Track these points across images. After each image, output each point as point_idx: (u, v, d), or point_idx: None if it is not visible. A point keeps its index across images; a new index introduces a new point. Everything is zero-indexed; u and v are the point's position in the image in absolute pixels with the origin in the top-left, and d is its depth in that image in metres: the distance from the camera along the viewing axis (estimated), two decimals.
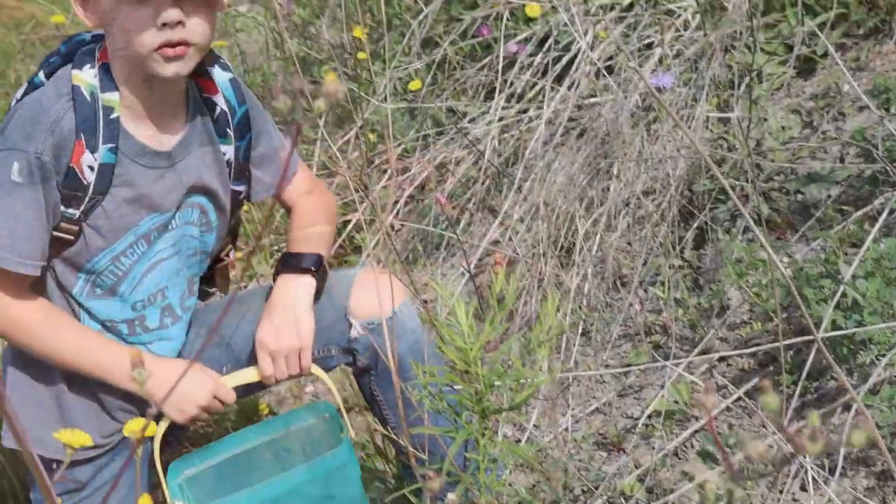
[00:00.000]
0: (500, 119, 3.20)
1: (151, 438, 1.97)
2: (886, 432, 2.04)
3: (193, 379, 1.96)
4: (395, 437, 2.15)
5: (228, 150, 2.05)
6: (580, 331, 2.77)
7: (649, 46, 3.03)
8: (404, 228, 3.33)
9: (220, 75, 2.03)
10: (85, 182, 1.87)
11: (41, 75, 1.93)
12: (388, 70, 3.20)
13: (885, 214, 2.38)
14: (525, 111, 3.19)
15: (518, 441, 2.54)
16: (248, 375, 2.03)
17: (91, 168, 1.87)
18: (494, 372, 1.78)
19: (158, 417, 1.97)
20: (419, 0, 3.48)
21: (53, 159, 1.83)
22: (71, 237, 1.92)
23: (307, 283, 2.03)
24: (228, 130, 2.03)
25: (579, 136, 2.96)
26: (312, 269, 2.04)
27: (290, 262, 2.06)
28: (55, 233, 1.90)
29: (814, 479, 2.11)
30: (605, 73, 2.96)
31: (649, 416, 2.49)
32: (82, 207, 1.89)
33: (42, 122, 1.83)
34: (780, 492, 2.16)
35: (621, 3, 3.10)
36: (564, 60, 3.15)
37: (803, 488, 2.15)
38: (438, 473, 1.14)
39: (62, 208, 1.88)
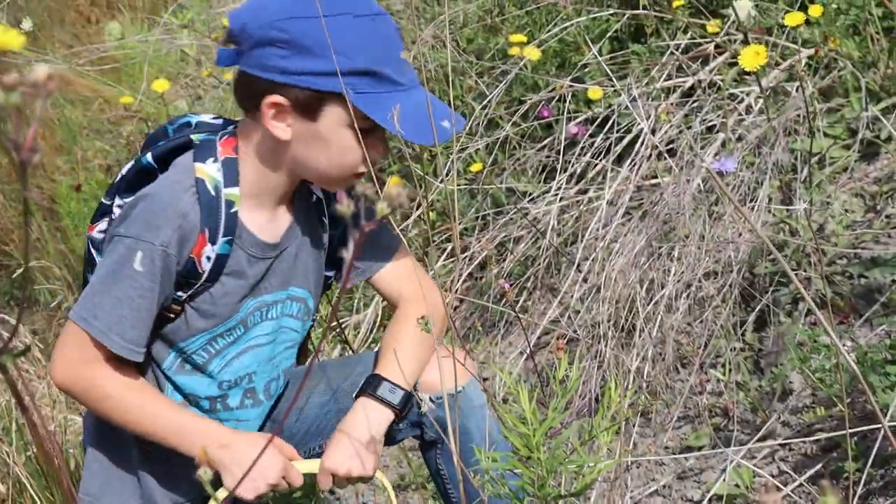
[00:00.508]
0: (561, 199, 3.22)
1: None
2: None
3: (268, 456, 1.97)
4: None
5: (324, 237, 2.11)
6: (640, 412, 2.76)
7: (711, 130, 3.04)
8: (463, 306, 3.35)
9: None
10: (200, 271, 1.93)
11: (149, 157, 1.97)
12: (453, 153, 3.25)
13: None
14: (585, 192, 3.22)
15: None
16: (316, 467, 2.04)
17: (208, 258, 1.93)
18: (556, 458, 1.78)
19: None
20: (481, 83, 3.53)
21: (178, 251, 1.89)
22: (171, 315, 1.97)
23: (387, 416, 2.00)
24: (324, 219, 2.10)
25: (641, 217, 2.97)
26: (397, 408, 2.01)
27: (378, 391, 2.01)
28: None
29: None
30: (667, 155, 2.98)
31: (710, 500, 2.47)
32: (190, 292, 1.95)
33: (169, 215, 1.87)
34: None
35: (683, 86, 3.12)
36: (625, 142, 3.18)
37: None
38: None
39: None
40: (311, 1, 1.82)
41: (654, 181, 3.07)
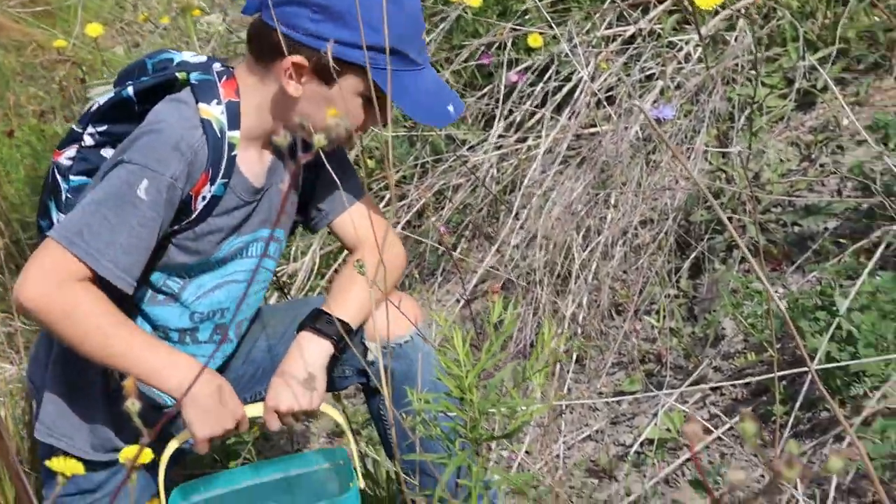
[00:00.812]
0: (499, 147, 3.21)
1: (151, 463, 1.93)
2: (878, 464, 2.04)
3: (226, 400, 1.94)
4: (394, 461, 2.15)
5: (299, 179, 2.13)
6: (574, 358, 2.78)
7: (650, 78, 3.04)
8: None
9: None
10: (192, 209, 1.93)
11: (130, 91, 1.97)
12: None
13: (881, 248, 2.39)
14: (524, 140, 3.21)
15: (509, 467, 2.54)
16: (261, 411, 2.03)
17: (203, 198, 1.93)
18: (489, 400, 1.78)
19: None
20: None
21: (183, 185, 1.88)
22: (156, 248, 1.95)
23: (326, 348, 2.01)
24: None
25: (578, 165, 2.97)
26: (335, 339, 2.02)
27: (317, 323, 2.03)
28: None
29: None
30: (606, 103, 2.98)
31: (641, 444, 2.49)
32: (175, 227, 1.94)
33: (180, 149, 1.86)
34: None
35: (623, 34, 3.11)
36: (565, 90, 3.17)
37: None
38: (430, 500, 1.13)
39: None
40: None
41: (592, 129, 3.07)
